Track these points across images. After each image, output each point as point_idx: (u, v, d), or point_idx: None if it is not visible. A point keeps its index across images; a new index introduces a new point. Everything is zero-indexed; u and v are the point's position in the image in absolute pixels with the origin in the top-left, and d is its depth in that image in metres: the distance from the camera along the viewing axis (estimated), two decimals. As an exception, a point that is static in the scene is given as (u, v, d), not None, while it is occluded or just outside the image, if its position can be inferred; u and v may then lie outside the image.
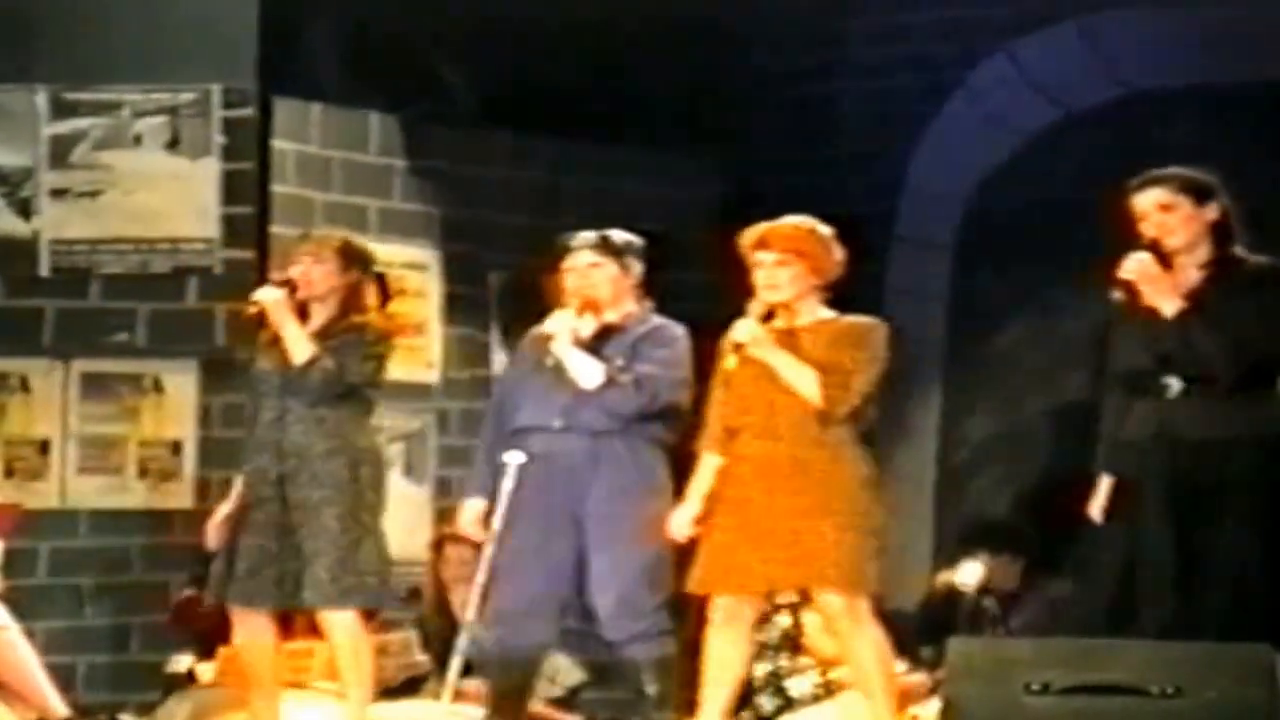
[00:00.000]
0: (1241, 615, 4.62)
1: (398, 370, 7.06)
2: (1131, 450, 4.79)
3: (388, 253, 7.18)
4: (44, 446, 6.93)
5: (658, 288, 5.59)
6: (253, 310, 5.47)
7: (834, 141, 7.74)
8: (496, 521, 5.54)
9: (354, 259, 5.54)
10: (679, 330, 5.41)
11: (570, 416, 5.33)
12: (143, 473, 6.99)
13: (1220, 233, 4.80)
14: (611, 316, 5.42)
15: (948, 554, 6.93)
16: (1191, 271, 4.78)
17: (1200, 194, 4.81)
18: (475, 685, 6.15)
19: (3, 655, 5.90)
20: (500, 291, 7.49)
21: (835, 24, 7.82)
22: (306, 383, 5.38)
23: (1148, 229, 4.78)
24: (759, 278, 5.04)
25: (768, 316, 5.03)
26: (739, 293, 5.14)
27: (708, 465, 5.13)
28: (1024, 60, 7.66)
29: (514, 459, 5.50)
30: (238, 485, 5.57)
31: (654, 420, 5.33)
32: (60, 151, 6.97)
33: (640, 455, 5.32)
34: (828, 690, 6.14)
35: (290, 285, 5.49)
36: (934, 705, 5.26)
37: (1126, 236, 4.80)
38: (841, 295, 6.86)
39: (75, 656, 6.79)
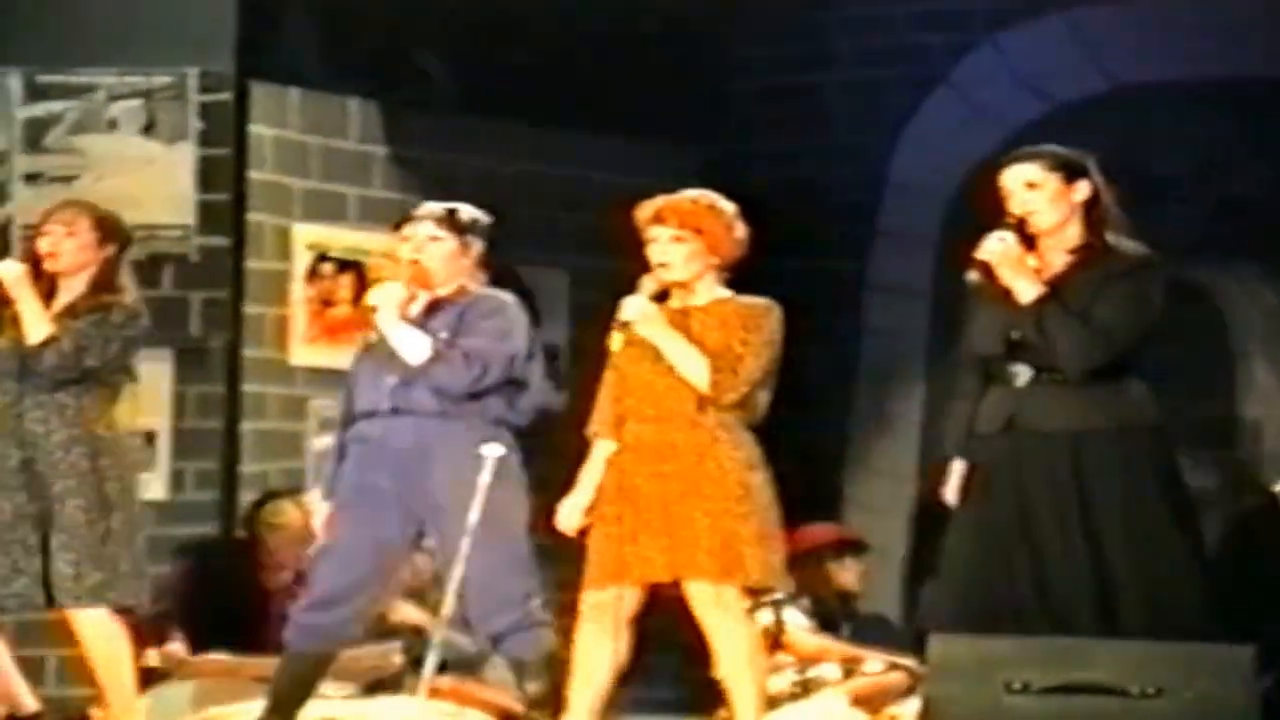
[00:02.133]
0: (1093, 607, 4.51)
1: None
2: (983, 441, 4.63)
3: (366, 241, 7.17)
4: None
5: (638, 278, 5.42)
6: None
7: (816, 134, 7.66)
8: (472, 515, 5.29)
9: (111, 233, 5.23)
10: (507, 298, 5.12)
11: (399, 398, 5.01)
12: (116, 463, 6.91)
13: (1090, 215, 4.58)
14: (442, 291, 5.13)
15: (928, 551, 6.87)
16: (1058, 255, 4.59)
17: (1070, 172, 4.58)
18: (449, 682, 6.08)
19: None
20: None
21: (817, 14, 7.75)
22: (40, 364, 5.06)
23: (1013, 206, 4.57)
24: (653, 254, 4.79)
25: (663, 295, 4.79)
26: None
27: (599, 451, 4.89)
28: (1009, 52, 7.60)
29: (492, 451, 5.18)
30: None
31: (491, 397, 5.01)
32: (34, 135, 6.87)
33: (479, 439, 4.94)
34: (805, 689, 6.07)
35: (36, 259, 5.15)
36: (912, 704, 5.25)
37: (995, 217, 4.63)
38: (824, 289, 6.82)
39: (46, 650, 6.63)
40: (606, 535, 4.81)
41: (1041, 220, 4.58)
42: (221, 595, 6.50)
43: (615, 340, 4.76)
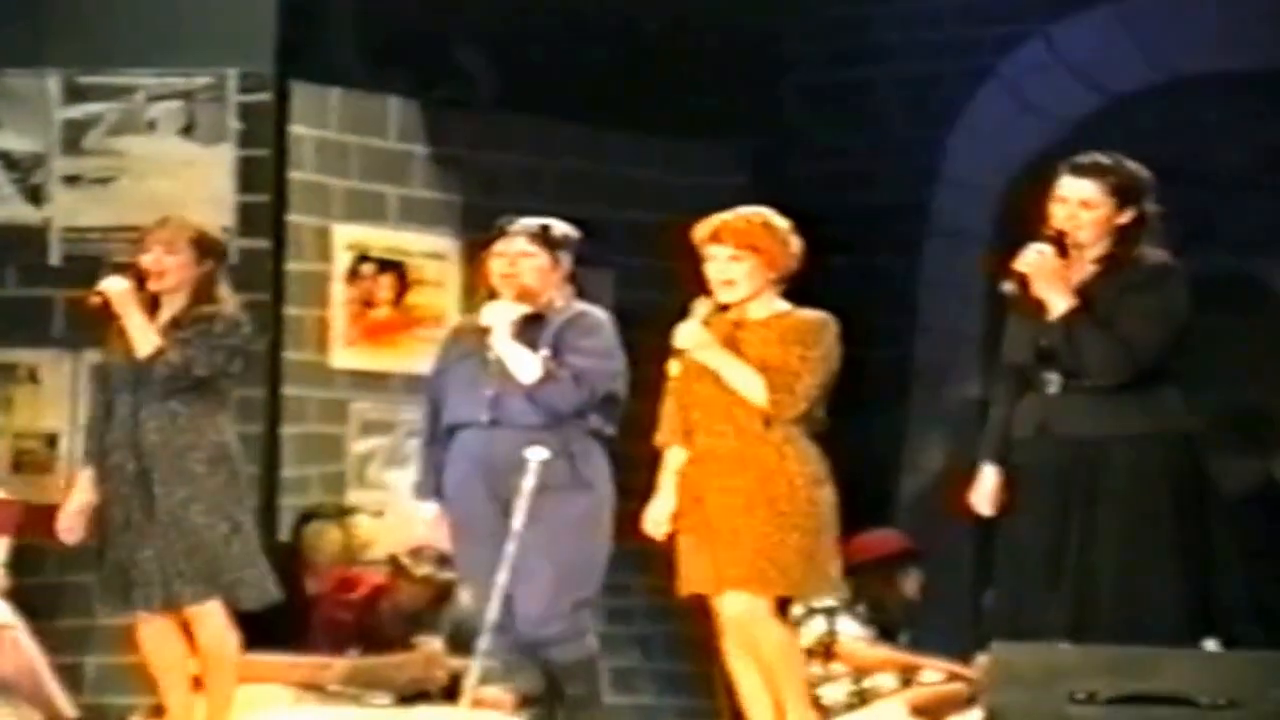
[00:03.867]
0: (1125, 613, 4.55)
1: (415, 362, 7.02)
2: (1017, 447, 4.73)
3: (407, 241, 7.16)
4: (52, 439, 6.78)
5: (685, 277, 5.42)
6: (96, 300, 5.37)
7: (866, 129, 7.59)
8: (516, 521, 5.36)
9: (208, 250, 5.48)
10: (603, 316, 5.32)
11: (498, 410, 5.21)
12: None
13: (1126, 234, 4.69)
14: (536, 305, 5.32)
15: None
16: (1085, 265, 4.69)
17: (1126, 198, 4.69)
18: (494, 693, 5.99)
19: (10, 655, 5.83)
20: (522, 282, 7.40)
21: (866, 9, 7.69)
22: (152, 376, 5.30)
23: (1059, 216, 4.68)
24: (712, 272, 4.95)
25: (720, 309, 4.96)
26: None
27: (673, 459, 5.03)
28: (1060, 44, 7.53)
29: (536, 455, 5.31)
30: (85, 478, 5.48)
31: (592, 412, 5.22)
32: (72, 137, 6.84)
33: (572, 449, 5.19)
34: (861, 699, 6.07)
35: (140, 275, 5.38)
36: (974, 714, 5.21)
37: (1039, 217, 4.71)
38: (876, 288, 6.71)
39: (84, 656, 6.66)
40: (685, 544, 4.98)
41: (1082, 237, 4.69)
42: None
43: (673, 367, 4.95)
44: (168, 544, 5.29)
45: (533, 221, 5.36)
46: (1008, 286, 4.68)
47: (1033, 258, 4.64)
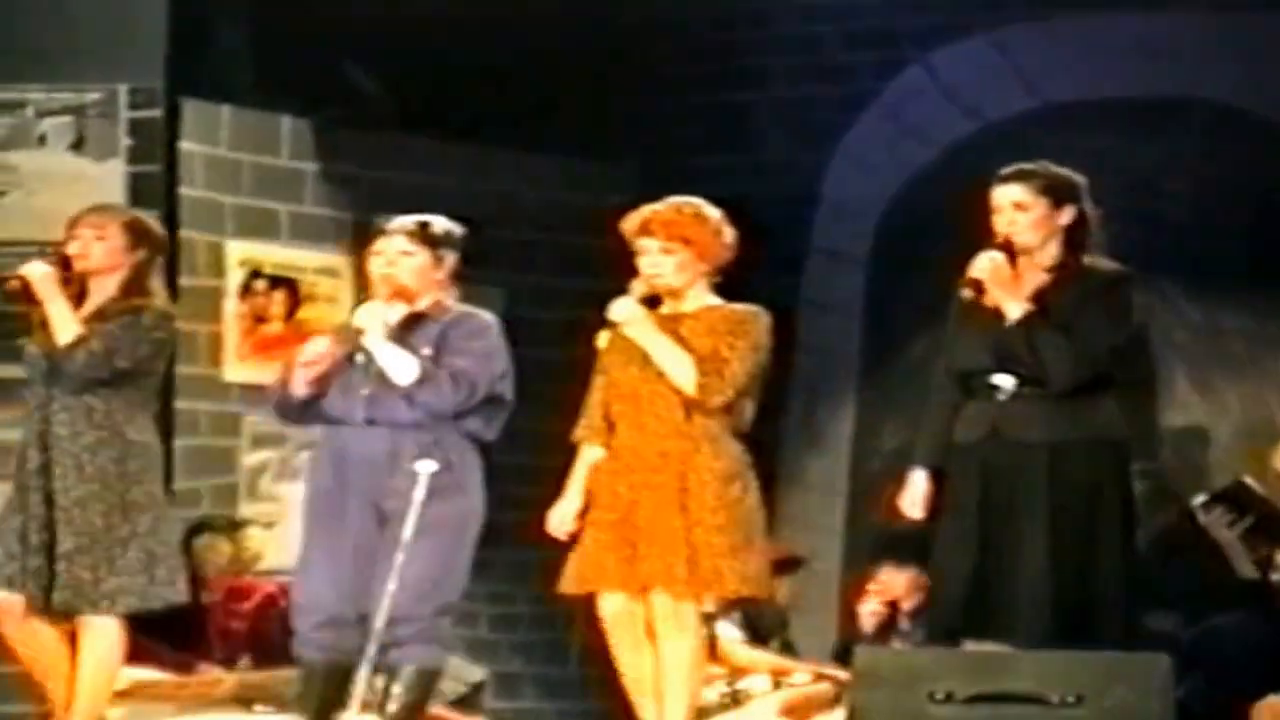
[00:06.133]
0: (1075, 616, 4.59)
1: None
2: (961, 451, 4.73)
3: (298, 258, 7.21)
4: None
5: (573, 294, 5.46)
6: (14, 285, 5.05)
7: (748, 151, 7.67)
8: (406, 531, 5.23)
9: (142, 238, 5.16)
10: (489, 318, 5.10)
11: (373, 410, 4.98)
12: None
13: (1071, 237, 4.71)
14: (420, 305, 5.08)
15: (859, 565, 6.90)
16: (1037, 273, 4.71)
17: (1059, 197, 4.70)
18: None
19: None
20: (412, 297, 7.45)
21: (748, 33, 7.77)
22: (70, 365, 4.97)
23: (999, 224, 4.70)
24: (643, 265, 4.79)
25: (653, 302, 4.79)
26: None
27: (586, 458, 4.88)
28: (939, 71, 7.65)
29: (425, 468, 5.19)
30: None
31: (470, 415, 5.01)
32: (-38, 151, 6.85)
33: (446, 451, 4.95)
34: (735, 700, 6.09)
35: (65, 261, 5.07)
36: (839, 714, 5.30)
37: (982, 231, 4.75)
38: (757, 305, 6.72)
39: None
40: (594, 540, 4.80)
41: (1023, 240, 4.70)
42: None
43: (602, 338, 4.78)
44: (58, 542, 4.97)
45: (411, 219, 5.07)
46: (965, 293, 4.67)
47: (986, 264, 4.64)
